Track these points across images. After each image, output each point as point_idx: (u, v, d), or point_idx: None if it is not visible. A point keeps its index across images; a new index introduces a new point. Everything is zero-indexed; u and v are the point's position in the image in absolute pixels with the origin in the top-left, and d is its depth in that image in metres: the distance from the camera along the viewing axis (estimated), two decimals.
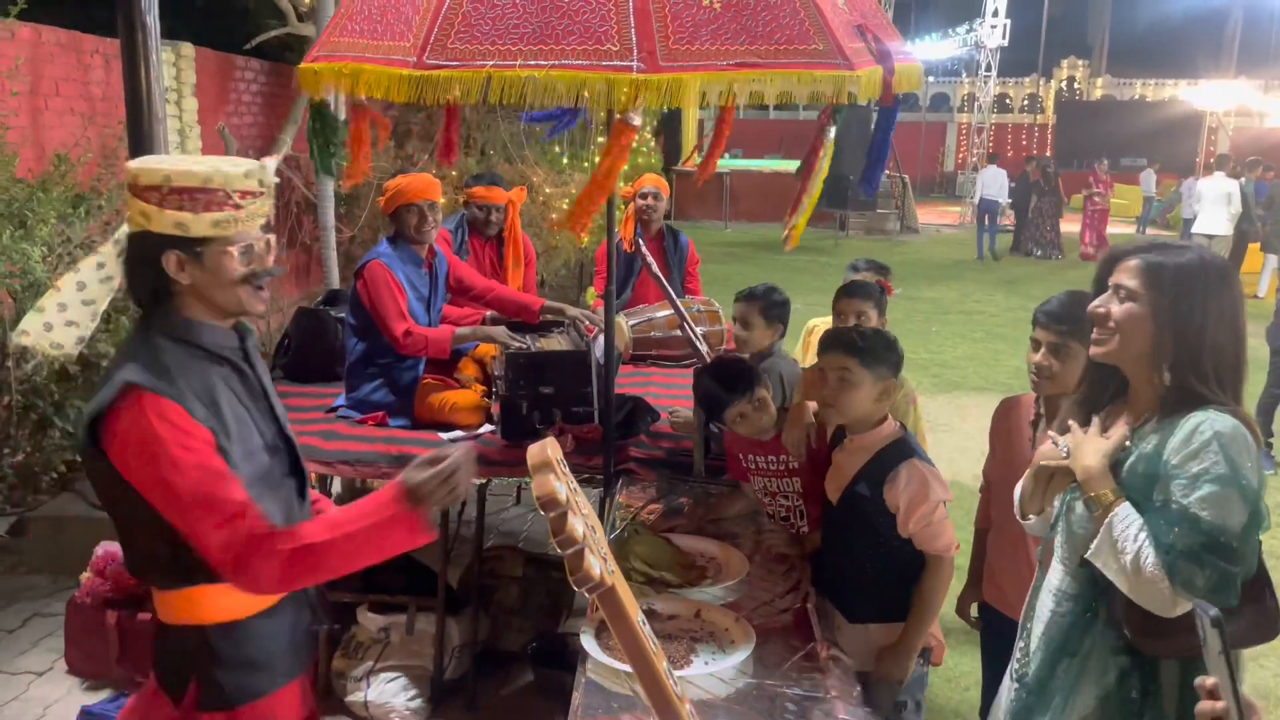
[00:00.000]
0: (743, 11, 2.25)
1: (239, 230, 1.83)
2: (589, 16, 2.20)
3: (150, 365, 1.77)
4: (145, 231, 1.81)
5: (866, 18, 2.51)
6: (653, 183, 4.97)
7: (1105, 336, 1.85)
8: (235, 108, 8.46)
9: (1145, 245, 1.88)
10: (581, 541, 0.95)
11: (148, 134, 4.21)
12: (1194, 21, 30.46)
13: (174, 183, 1.77)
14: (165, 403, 1.73)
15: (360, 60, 2.39)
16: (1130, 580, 1.74)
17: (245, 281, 1.86)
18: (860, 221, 19.37)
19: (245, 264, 1.85)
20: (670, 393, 4.03)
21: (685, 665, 1.98)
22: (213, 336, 1.88)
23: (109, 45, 6.47)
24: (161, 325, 1.84)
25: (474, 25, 2.25)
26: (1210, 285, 1.79)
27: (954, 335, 10.16)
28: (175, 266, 1.81)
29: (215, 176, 1.79)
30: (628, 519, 2.84)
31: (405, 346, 3.61)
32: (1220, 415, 1.73)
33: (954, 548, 2.41)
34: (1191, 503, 1.70)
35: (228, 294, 1.85)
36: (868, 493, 2.44)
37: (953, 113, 31.04)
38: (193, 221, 1.79)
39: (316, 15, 7.31)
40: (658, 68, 2.16)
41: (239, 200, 1.82)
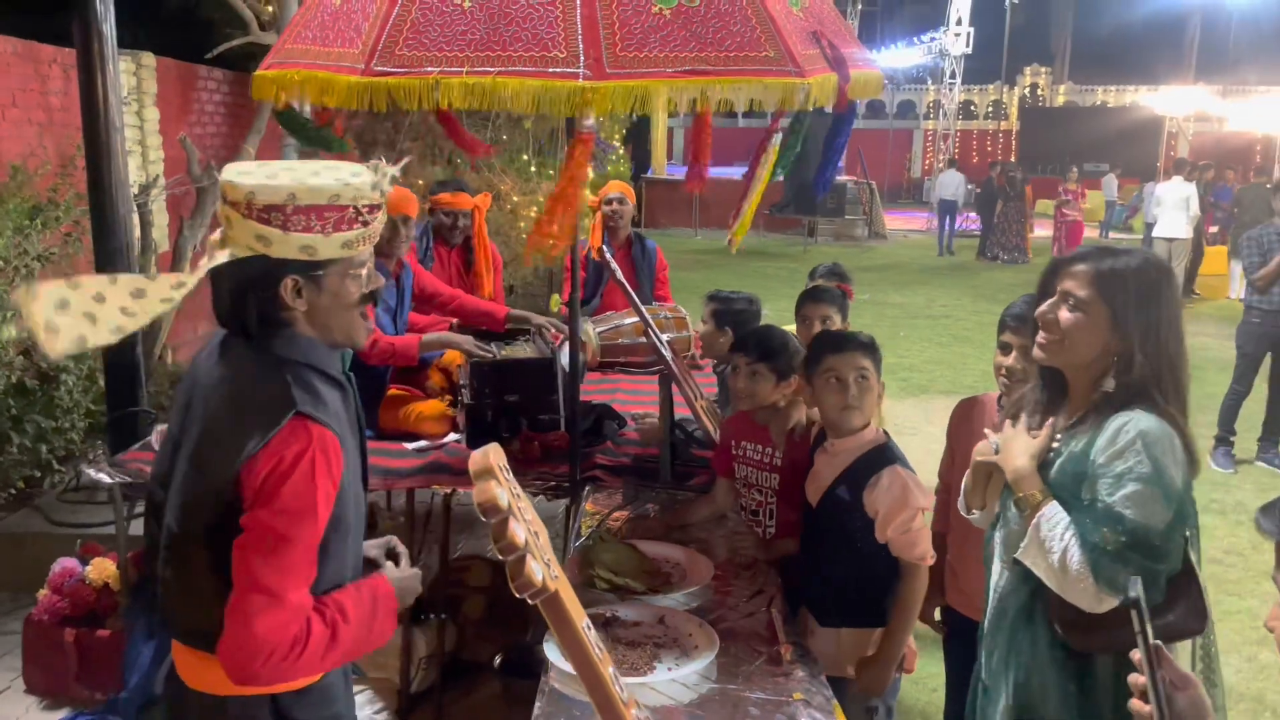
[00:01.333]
0: (693, 19, 2.23)
1: (365, 250, 1.67)
2: (536, 24, 2.19)
3: (310, 392, 1.61)
4: (261, 257, 1.60)
5: (823, 24, 2.51)
6: (618, 189, 4.97)
7: (1052, 342, 1.88)
8: (198, 117, 8.38)
9: (1091, 251, 1.90)
10: (523, 548, 0.95)
11: (105, 144, 4.17)
12: (1154, 28, 30.96)
13: (300, 201, 1.57)
14: (329, 436, 1.59)
15: (311, 67, 2.37)
16: (1058, 578, 1.77)
17: (363, 303, 1.71)
18: (828, 228, 19.50)
19: (366, 285, 1.71)
20: (637, 399, 4.03)
21: (648, 672, 1.97)
22: (329, 359, 1.73)
23: (67, 55, 6.39)
24: (287, 353, 1.66)
25: (422, 32, 2.23)
26: (1157, 290, 1.83)
27: (921, 340, 10.24)
28: (293, 293, 1.63)
29: (344, 191, 1.60)
30: (594, 526, 2.83)
31: (371, 356, 3.58)
32: (1146, 415, 1.77)
33: (928, 557, 2.41)
34: (1116, 501, 1.73)
35: (344, 318, 1.69)
36: (847, 496, 2.44)
37: (919, 119, 31.36)
38: (322, 244, 1.59)
39: (279, 24, 7.27)
40: (604, 75, 2.15)
41: (366, 216, 1.64)
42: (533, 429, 3.45)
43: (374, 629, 1.72)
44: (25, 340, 4.90)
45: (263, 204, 1.57)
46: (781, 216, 19.11)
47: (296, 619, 1.56)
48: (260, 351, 1.66)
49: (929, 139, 28.49)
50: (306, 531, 1.57)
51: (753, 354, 2.74)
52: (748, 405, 2.83)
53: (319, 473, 1.57)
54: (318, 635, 1.60)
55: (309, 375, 1.67)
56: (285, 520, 1.56)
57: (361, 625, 1.68)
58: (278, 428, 1.57)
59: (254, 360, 1.66)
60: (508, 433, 3.43)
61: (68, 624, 3.48)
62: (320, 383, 1.68)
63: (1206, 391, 6.72)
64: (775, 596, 2.41)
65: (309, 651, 1.58)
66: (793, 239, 18.45)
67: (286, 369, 1.65)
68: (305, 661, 1.58)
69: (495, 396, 3.45)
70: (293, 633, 1.56)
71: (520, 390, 3.46)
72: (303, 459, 1.57)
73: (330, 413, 1.65)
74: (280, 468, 1.56)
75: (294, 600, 1.56)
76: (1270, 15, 26.11)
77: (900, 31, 28.21)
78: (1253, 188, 12.47)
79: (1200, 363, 8.11)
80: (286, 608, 1.55)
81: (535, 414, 3.47)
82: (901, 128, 30.81)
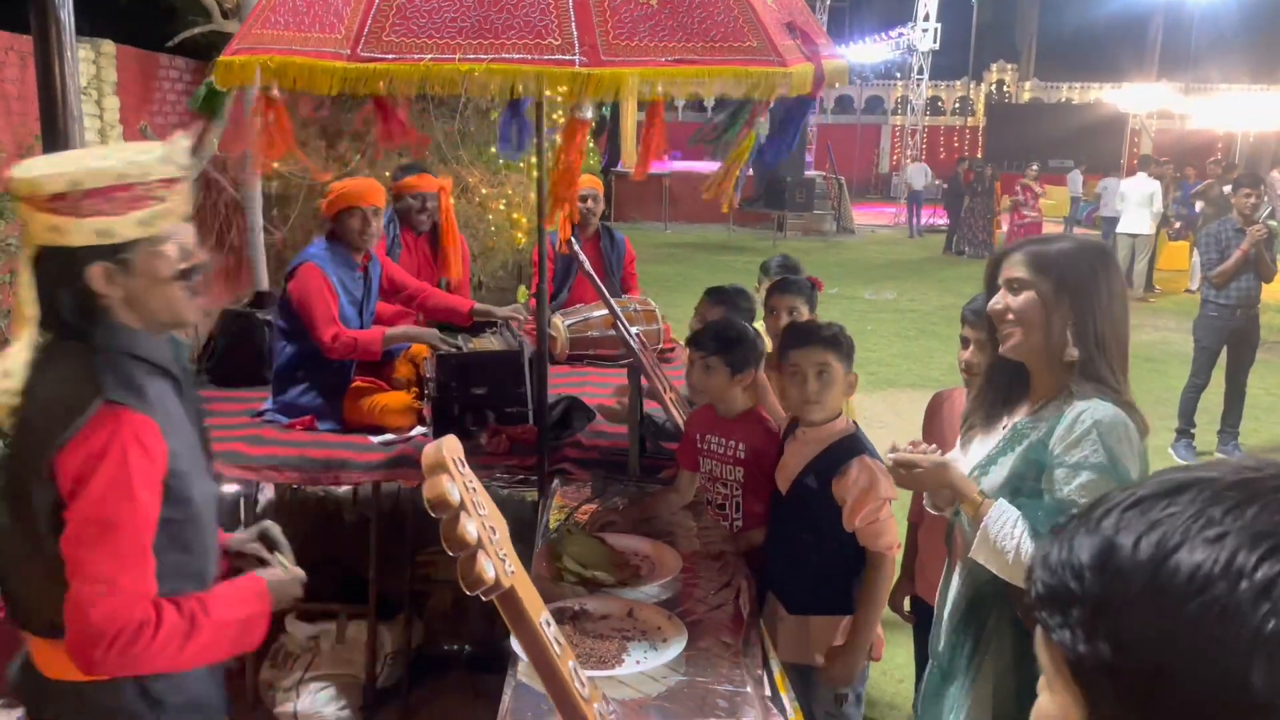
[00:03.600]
0: (678, 9, 2.26)
1: (169, 226, 1.65)
2: (529, 11, 2.19)
3: (121, 377, 1.60)
4: (59, 248, 1.58)
5: (794, 15, 2.53)
6: (588, 184, 4.94)
7: (1009, 331, 1.90)
8: (159, 106, 8.24)
9: (1025, 241, 1.97)
10: (474, 545, 0.93)
11: (63, 133, 4.07)
12: (1118, 26, 31.33)
13: (85, 185, 1.55)
14: (143, 421, 1.58)
15: (287, 53, 2.33)
16: (1014, 574, 1.79)
17: (180, 278, 1.69)
18: (797, 222, 19.55)
19: (181, 260, 1.68)
20: (606, 392, 4.01)
21: (617, 664, 1.96)
22: (156, 348, 1.71)
23: (23, 42, 6.25)
24: (106, 343, 1.64)
25: (410, 18, 2.21)
26: (1094, 263, 1.87)
27: (888, 333, 10.29)
28: (103, 280, 1.61)
29: (131, 170, 1.58)
30: (562, 519, 2.81)
31: (333, 350, 3.53)
32: (1102, 404, 1.79)
33: (895, 548, 2.43)
34: (1071, 490, 1.76)
35: (164, 297, 1.67)
36: (815, 485, 2.45)
37: (887, 115, 31.51)
38: (118, 226, 1.58)
39: (241, 12, 7.16)
40: (600, 61, 2.16)
41: (161, 191, 1.62)
42: (500, 422, 3.43)
43: (245, 629, 1.73)
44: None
45: (49, 194, 1.55)
46: (751, 211, 19.16)
47: (135, 605, 1.56)
48: (78, 347, 1.65)
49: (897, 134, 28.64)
50: (128, 517, 1.56)
51: (707, 347, 2.74)
52: (702, 400, 2.84)
53: (132, 457, 1.56)
54: (171, 625, 1.59)
55: (128, 365, 1.65)
56: (104, 508, 1.55)
57: (227, 624, 1.69)
58: (85, 415, 1.56)
59: (69, 354, 1.65)
60: (475, 425, 3.40)
61: None
62: (143, 373, 1.66)
63: (1167, 384, 6.82)
64: (743, 588, 2.41)
65: (160, 640, 1.58)
66: (761, 233, 18.49)
67: (101, 359, 1.63)
68: (157, 650, 1.58)
69: (462, 389, 3.42)
70: (135, 618, 1.55)
71: (487, 383, 3.44)
72: (113, 445, 1.55)
73: (148, 400, 1.63)
74: (91, 456, 1.55)
75: (128, 586, 1.56)
76: (1231, 14, 26.53)
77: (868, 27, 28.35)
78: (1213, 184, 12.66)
79: (1161, 356, 8.23)
80: (120, 594, 1.55)
81: (503, 407, 3.45)
82: (870, 123, 30.95)
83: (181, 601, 1.64)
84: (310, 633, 3.41)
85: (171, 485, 1.64)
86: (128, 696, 1.69)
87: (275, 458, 3.30)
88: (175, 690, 1.74)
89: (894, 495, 2.43)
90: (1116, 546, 0.67)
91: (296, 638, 3.42)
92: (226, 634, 1.70)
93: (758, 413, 2.76)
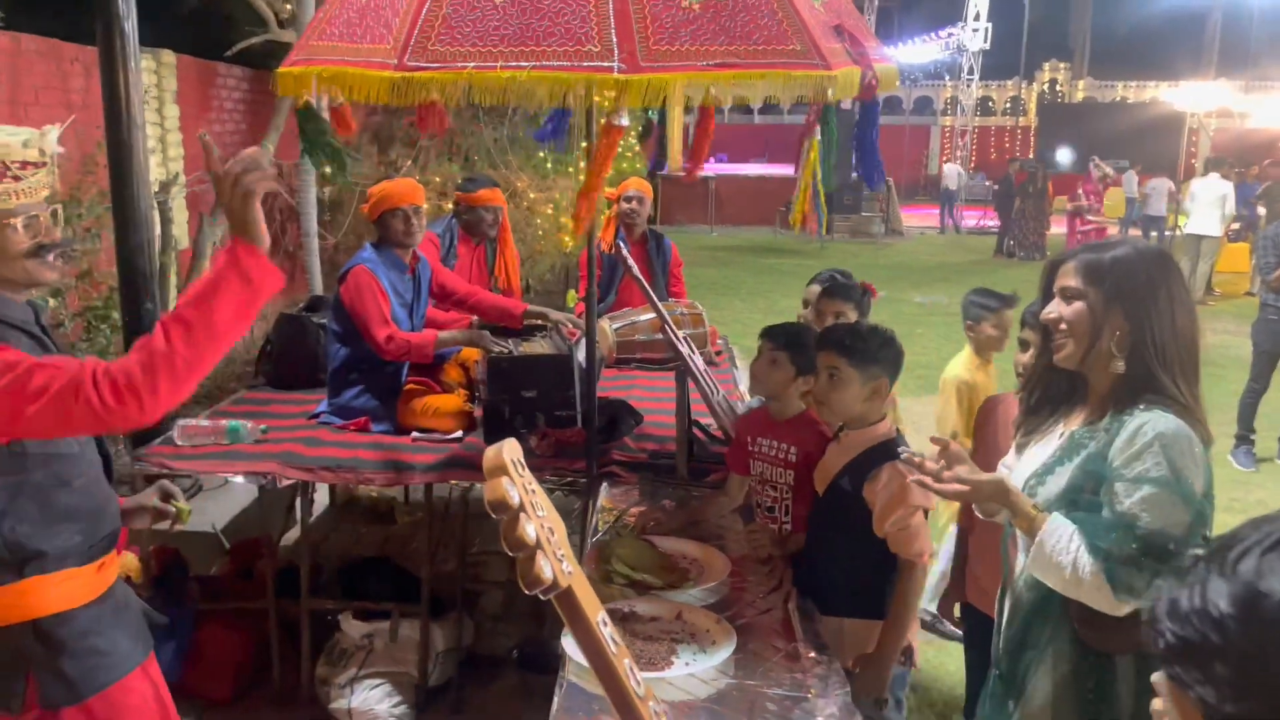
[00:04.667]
0: (721, 12, 2.26)
1: (19, 203, 1.79)
2: (569, 18, 2.22)
3: None
4: None
5: (843, 18, 2.52)
6: (636, 187, 4.97)
7: (1063, 340, 1.87)
8: (217, 114, 8.43)
9: (1080, 248, 1.91)
10: (533, 545, 0.95)
11: (126, 141, 4.20)
12: (1174, 23, 30.70)
13: None
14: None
15: (341, 64, 2.39)
16: (1073, 588, 1.75)
17: (31, 255, 1.83)
18: (844, 224, 19.42)
19: (30, 236, 1.82)
20: (654, 395, 4.03)
21: (666, 667, 1.98)
22: (11, 309, 1.85)
23: (89, 53, 6.43)
24: None
25: (454, 28, 2.26)
26: (1153, 271, 1.82)
27: (938, 337, 10.19)
28: None
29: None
30: (610, 522, 2.84)
31: (388, 352, 3.60)
32: (1164, 415, 1.74)
33: (925, 555, 2.40)
34: (1132, 503, 1.71)
35: (13, 268, 1.82)
36: (849, 487, 2.44)
37: (936, 116, 31.21)
38: None
39: (297, 22, 7.30)
40: (638, 68, 2.17)
41: (18, 171, 1.78)
42: (549, 425, 3.46)
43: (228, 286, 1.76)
44: None
45: None
46: None
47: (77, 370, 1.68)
48: None
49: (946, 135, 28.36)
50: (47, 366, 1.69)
51: (778, 340, 2.74)
52: (760, 391, 2.84)
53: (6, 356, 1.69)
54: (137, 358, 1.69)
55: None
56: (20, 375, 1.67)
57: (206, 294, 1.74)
58: None
59: None
60: (524, 428, 3.44)
61: None
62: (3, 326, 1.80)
63: (1227, 389, 6.67)
64: (792, 592, 2.41)
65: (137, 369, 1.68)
66: (808, 236, 18.38)
67: None
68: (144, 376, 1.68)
69: (512, 393, 3.46)
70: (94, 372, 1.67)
71: (537, 386, 3.47)
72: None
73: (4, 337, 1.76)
74: None
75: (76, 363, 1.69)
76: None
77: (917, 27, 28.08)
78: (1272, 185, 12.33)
79: (1221, 360, 8.05)
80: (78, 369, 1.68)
81: (552, 410, 3.48)
82: (918, 124, 30.66)
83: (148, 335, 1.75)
84: (364, 631, 3.47)
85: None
86: (24, 638, 1.79)
87: (330, 459, 3.37)
88: (74, 635, 1.83)
89: (928, 504, 2.40)
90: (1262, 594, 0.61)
91: (351, 636, 3.48)
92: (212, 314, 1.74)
93: (810, 416, 2.75)
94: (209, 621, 3.53)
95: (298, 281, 8.77)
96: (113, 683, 1.89)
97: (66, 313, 5.14)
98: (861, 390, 2.45)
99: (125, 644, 1.95)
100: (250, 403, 4.07)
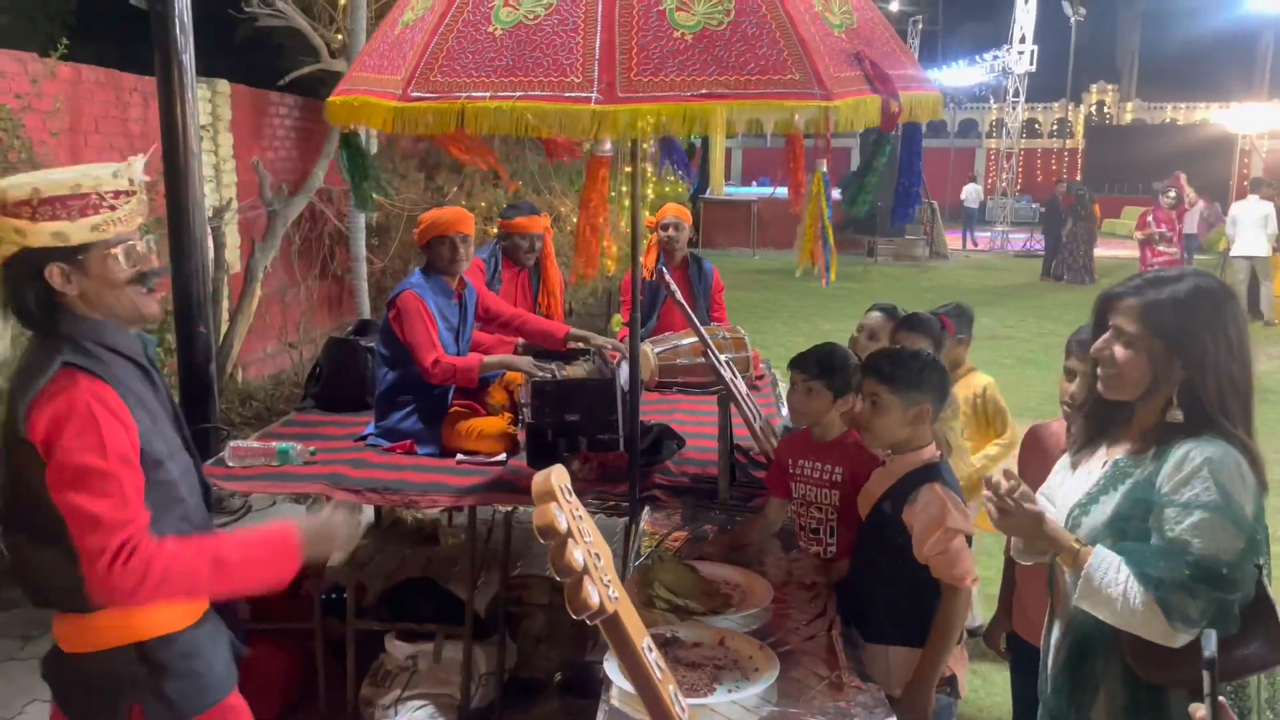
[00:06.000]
0: (716, 42, 2.24)
1: (118, 231, 1.83)
2: (558, 50, 2.24)
3: (81, 351, 1.80)
4: (23, 250, 1.78)
5: (872, 45, 2.49)
6: (674, 213, 5.01)
7: (1111, 377, 1.85)
8: (270, 142, 8.62)
9: (1139, 283, 1.85)
10: (580, 570, 0.97)
11: (183, 169, 4.32)
12: (1224, 44, 30.26)
13: (43, 193, 1.77)
14: (101, 385, 1.76)
15: (367, 93, 2.47)
16: (1125, 619, 1.73)
17: (134, 283, 1.87)
18: (888, 248, 19.33)
19: (131, 265, 1.86)
20: (695, 419, 4.03)
21: (708, 693, 1.97)
22: (121, 339, 1.89)
23: (147, 83, 6.63)
24: (70, 331, 1.83)
25: (455, 59, 2.31)
26: (1209, 315, 1.78)
27: (985, 361, 10.01)
28: (60, 279, 1.80)
29: (84, 181, 1.80)
30: (652, 546, 2.84)
31: (434, 375, 3.65)
32: (1212, 441, 1.72)
33: (968, 578, 2.35)
34: (1183, 530, 1.69)
35: (119, 298, 1.85)
36: (890, 511, 2.43)
37: (981, 138, 30.97)
38: (70, 229, 1.78)
39: (348, 51, 7.46)
40: (615, 99, 2.18)
41: (113, 201, 1.82)
42: (592, 448, 3.48)
43: (265, 566, 1.85)
44: None
45: (14, 201, 1.76)
46: (842, 237, 19.01)
47: (118, 530, 1.70)
48: (49, 339, 1.83)
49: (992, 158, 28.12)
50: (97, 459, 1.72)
51: (810, 371, 2.75)
52: (803, 422, 2.84)
53: (96, 410, 1.73)
54: (172, 550, 1.74)
55: (94, 348, 1.83)
56: (77, 455, 1.72)
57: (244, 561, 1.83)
58: (46, 376, 1.75)
59: (39, 342, 1.85)
60: (567, 451, 3.46)
61: None
62: (111, 356, 1.84)
63: None
64: (836, 619, 2.39)
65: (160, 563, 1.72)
66: (853, 259, 18.30)
67: (65, 341, 1.82)
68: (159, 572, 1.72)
69: (555, 416, 3.48)
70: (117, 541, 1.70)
71: (580, 410, 3.50)
72: (76, 402, 1.74)
73: (108, 373, 1.79)
74: (58, 414, 1.73)
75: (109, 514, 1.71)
76: None
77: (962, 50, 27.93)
78: None
79: (1276, 387, 7.87)
80: (104, 524, 1.70)
81: (594, 433, 3.50)
82: (963, 146, 30.44)
83: (188, 537, 1.82)
84: (409, 652, 3.50)
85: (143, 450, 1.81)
86: (128, 662, 1.83)
87: (377, 481, 3.42)
88: (176, 657, 1.86)
89: (967, 528, 2.38)
90: None
91: (395, 657, 3.51)
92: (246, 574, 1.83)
93: (855, 437, 2.74)
94: (257, 641, 3.56)
95: (345, 305, 8.91)
96: (212, 705, 1.93)
97: None
98: (904, 416, 2.43)
99: (221, 666, 1.98)
100: (299, 424, 4.14)
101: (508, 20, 2.28)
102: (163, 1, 4.20)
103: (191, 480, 1.99)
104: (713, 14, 2.25)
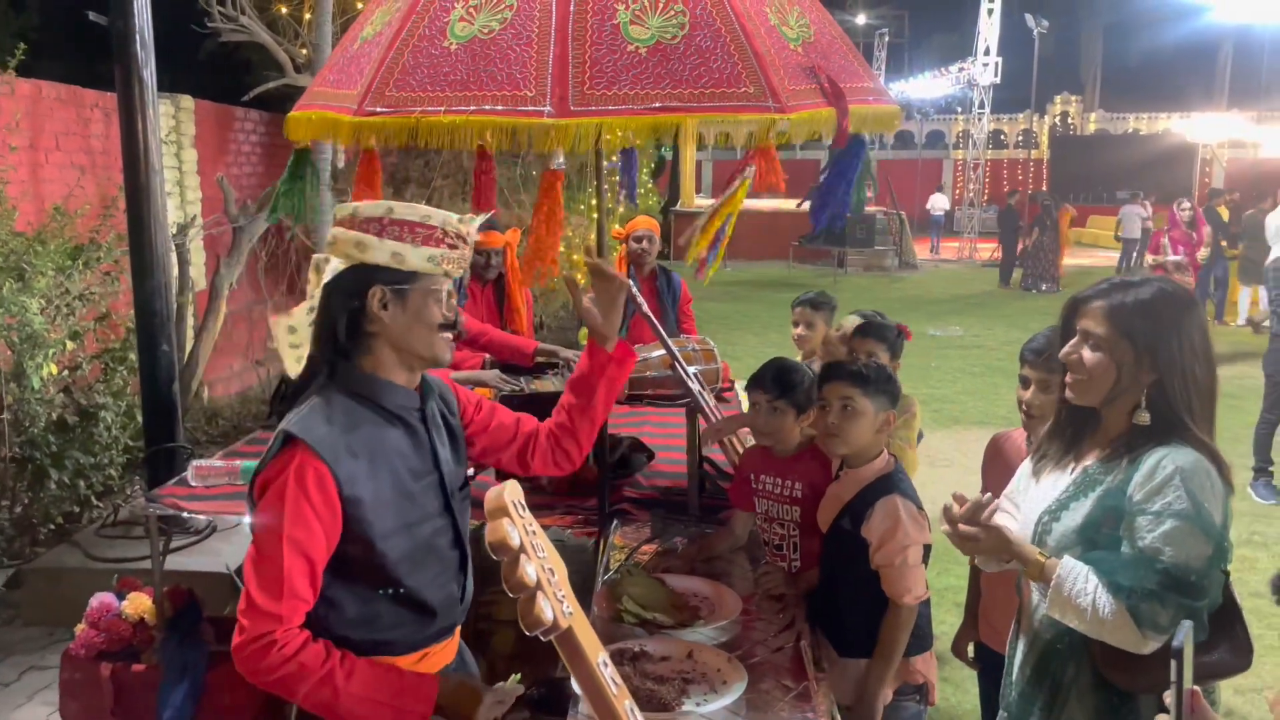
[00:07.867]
0: (670, 56, 2.25)
1: (446, 270, 1.83)
2: (511, 64, 2.25)
3: (316, 417, 1.76)
4: (358, 264, 1.79)
5: (829, 58, 2.50)
6: (645, 226, 5.01)
7: (1079, 382, 1.86)
8: (235, 158, 8.56)
9: (1106, 287, 1.88)
10: (533, 586, 0.96)
11: (145, 186, 4.27)
12: (1185, 55, 30.79)
13: (395, 214, 1.79)
14: (314, 465, 1.71)
15: (324, 108, 2.47)
16: (1095, 627, 1.73)
17: (444, 329, 1.86)
18: (858, 258, 19.46)
19: (446, 310, 1.85)
20: (665, 432, 4.03)
21: (676, 707, 1.96)
22: (394, 396, 1.86)
23: (109, 99, 6.57)
24: (344, 380, 1.82)
25: (410, 74, 2.31)
26: (1176, 317, 1.81)
27: (953, 370, 10.17)
28: (378, 303, 1.79)
29: (435, 214, 1.82)
30: (622, 560, 2.83)
31: None
32: (1182, 450, 1.74)
33: (910, 595, 2.35)
34: (1154, 538, 1.70)
35: (425, 337, 1.84)
36: (850, 526, 2.43)
37: (948, 149, 31.31)
38: (409, 253, 1.78)
39: (313, 67, 7.42)
40: (567, 113, 2.19)
41: (453, 239, 1.83)
42: None
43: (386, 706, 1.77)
44: (65, 378, 5.01)
45: (364, 217, 1.80)
46: (810, 247, 19.14)
47: (261, 621, 1.68)
48: (321, 385, 1.82)
49: (959, 169, 28.43)
50: (272, 547, 1.69)
51: (773, 391, 2.73)
52: (767, 441, 2.81)
53: (290, 493, 1.70)
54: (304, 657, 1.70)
55: (350, 405, 1.80)
56: (259, 533, 1.73)
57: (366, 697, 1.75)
58: (274, 447, 1.75)
59: (309, 394, 1.83)
60: None
61: (104, 659, 3.50)
62: (364, 416, 1.80)
63: (1245, 421, 6.61)
64: (804, 630, 2.39)
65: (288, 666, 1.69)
66: (822, 270, 18.44)
67: (322, 395, 1.79)
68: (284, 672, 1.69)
69: None
70: (257, 633, 1.68)
71: None
72: (281, 479, 1.72)
73: (333, 442, 1.74)
74: (265, 485, 1.74)
75: (260, 603, 1.69)
76: None
77: (928, 62, 28.26)
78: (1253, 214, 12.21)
79: (1239, 392, 7.98)
80: (252, 611, 1.69)
81: None
82: (931, 158, 30.79)
83: (332, 647, 1.76)
84: None
85: (350, 526, 1.76)
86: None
87: None
88: None
89: (923, 539, 2.37)
90: None
91: None
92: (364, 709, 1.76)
93: (814, 449, 2.75)
94: (222, 663, 3.52)
95: None
96: None
97: (84, 355, 5.20)
98: (874, 421, 2.45)
99: None
100: (264, 442, 4.07)
101: (463, 35, 2.28)
102: (123, 17, 4.16)
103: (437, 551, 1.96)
104: (667, 27, 2.26)
